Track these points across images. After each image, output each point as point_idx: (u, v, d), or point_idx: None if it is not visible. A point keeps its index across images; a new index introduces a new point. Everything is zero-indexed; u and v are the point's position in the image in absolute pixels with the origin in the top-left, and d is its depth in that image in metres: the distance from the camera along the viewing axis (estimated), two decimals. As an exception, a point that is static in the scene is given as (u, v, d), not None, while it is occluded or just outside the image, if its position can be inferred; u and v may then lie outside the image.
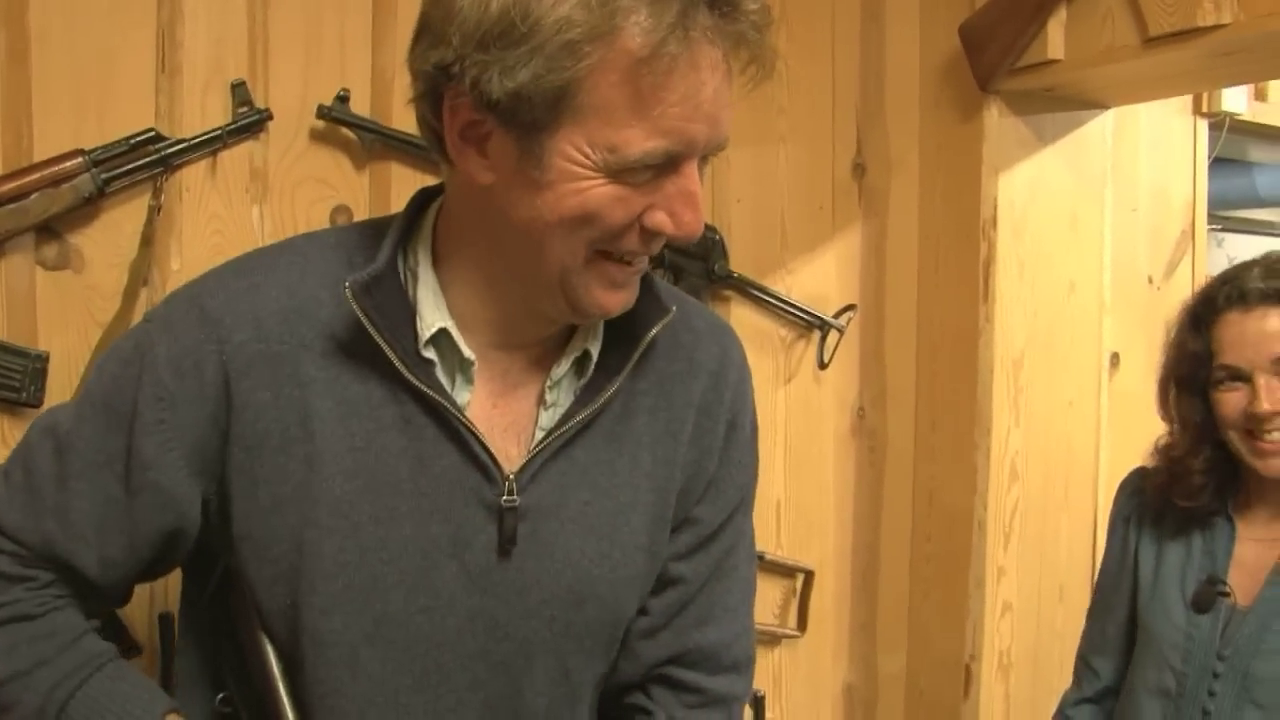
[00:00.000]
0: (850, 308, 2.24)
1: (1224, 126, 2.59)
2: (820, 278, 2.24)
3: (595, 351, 1.12)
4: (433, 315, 1.07)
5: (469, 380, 1.09)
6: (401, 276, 1.09)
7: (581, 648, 1.15)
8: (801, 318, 2.19)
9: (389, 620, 1.07)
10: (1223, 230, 5.69)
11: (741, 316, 2.13)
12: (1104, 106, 2.26)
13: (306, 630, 1.08)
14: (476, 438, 1.07)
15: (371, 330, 1.04)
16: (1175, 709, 1.64)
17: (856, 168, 2.28)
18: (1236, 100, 2.56)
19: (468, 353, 1.08)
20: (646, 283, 1.13)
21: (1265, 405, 1.58)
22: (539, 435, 1.11)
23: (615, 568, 1.14)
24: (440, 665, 1.10)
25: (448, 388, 1.08)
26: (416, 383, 1.05)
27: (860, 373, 2.31)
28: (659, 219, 0.99)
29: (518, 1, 0.92)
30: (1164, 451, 1.76)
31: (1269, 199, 4.60)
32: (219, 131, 1.63)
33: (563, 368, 1.12)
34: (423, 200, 1.14)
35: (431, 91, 1.00)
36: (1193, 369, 1.68)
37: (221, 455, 1.07)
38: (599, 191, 0.97)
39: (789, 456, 2.22)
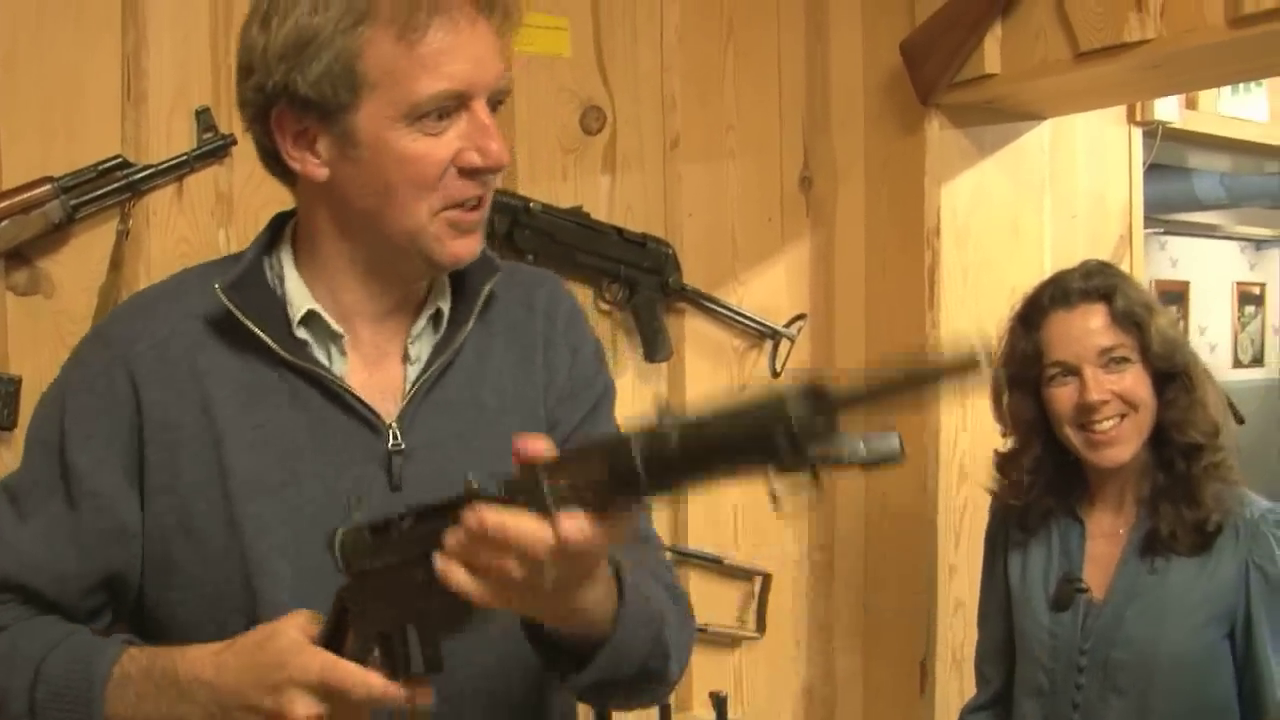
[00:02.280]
0: (800, 317, 2.30)
1: (1158, 134, 2.68)
2: (771, 288, 2.30)
3: (446, 308, 1.25)
4: (301, 301, 1.20)
5: (342, 352, 1.22)
6: (269, 277, 1.23)
7: None
8: (754, 328, 2.25)
9: (309, 575, 1.15)
10: (1165, 234, 5.80)
11: (695, 328, 2.19)
12: (1041, 117, 2.34)
13: (254, 593, 1.16)
14: (356, 398, 1.19)
15: (243, 319, 1.17)
16: (1051, 705, 1.74)
17: (804, 180, 2.34)
18: (1168, 109, 2.64)
19: (336, 327, 1.21)
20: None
21: (1094, 395, 1.67)
22: (408, 388, 1.23)
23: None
24: None
25: (324, 362, 1.21)
26: (292, 359, 1.18)
27: (812, 380, 2.36)
28: (469, 156, 1.13)
29: (298, 20, 1.10)
30: (996, 456, 1.87)
31: (1208, 202, 4.70)
32: (185, 157, 1.67)
33: (420, 324, 1.25)
34: (279, 222, 1.28)
35: (260, 116, 1.16)
36: (1023, 368, 1.77)
37: (141, 456, 1.18)
38: (406, 145, 1.12)
39: (745, 462, 2.26)
